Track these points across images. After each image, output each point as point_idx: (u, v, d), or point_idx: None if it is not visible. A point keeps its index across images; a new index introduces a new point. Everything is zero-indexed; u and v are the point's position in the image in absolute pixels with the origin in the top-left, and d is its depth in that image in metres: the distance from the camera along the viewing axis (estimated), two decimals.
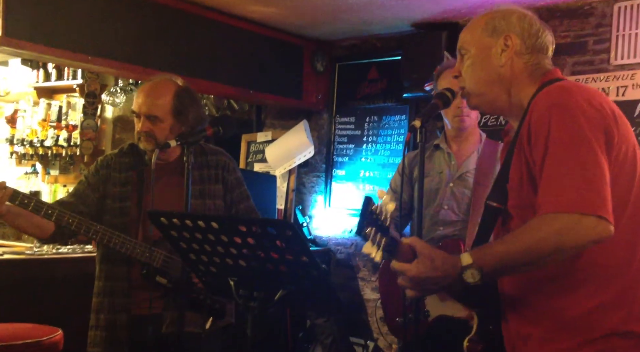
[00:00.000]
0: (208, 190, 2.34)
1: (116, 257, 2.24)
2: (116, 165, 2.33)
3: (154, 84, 2.32)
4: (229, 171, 2.40)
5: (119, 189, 2.30)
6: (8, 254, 3.27)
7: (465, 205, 2.41)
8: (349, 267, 4.62)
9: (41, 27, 3.22)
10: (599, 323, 1.37)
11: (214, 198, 2.35)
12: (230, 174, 2.40)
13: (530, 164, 1.40)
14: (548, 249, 1.31)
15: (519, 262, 1.35)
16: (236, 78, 4.17)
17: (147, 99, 2.26)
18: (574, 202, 1.28)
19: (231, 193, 2.39)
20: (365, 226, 1.37)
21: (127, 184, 2.30)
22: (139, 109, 2.27)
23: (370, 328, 4.43)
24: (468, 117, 2.40)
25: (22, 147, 5.46)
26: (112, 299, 2.25)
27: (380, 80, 4.55)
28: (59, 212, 2.13)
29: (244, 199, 2.43)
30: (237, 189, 2.41)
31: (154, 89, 2.29)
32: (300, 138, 4.71)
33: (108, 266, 2.28)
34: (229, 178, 2.39)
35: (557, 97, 1.39)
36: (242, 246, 1.54)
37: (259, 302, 1.61)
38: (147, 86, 2.32)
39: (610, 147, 1.36)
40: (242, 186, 2.44)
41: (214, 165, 2.37)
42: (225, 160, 2.41)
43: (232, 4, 3.88)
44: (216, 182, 2.36)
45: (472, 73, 1.55)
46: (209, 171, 2.36)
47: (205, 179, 2.35)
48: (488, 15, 1.57)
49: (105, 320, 2.25)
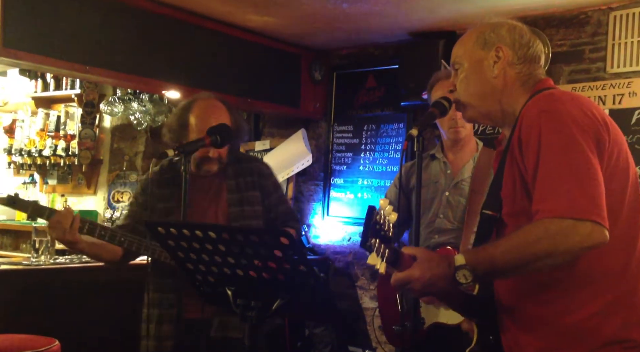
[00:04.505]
0: (246, 197, 2.38)
1: (165, 269, 2.25)
2: (159, 182, 2.38)
3: (208, 108, 2.33)
4: (265, 177, 2.45)
5: (163, 205, 2.34)
6: (5, 264, 3.26)
7: (460, 213, 2.41)
8: (347, 275, 4.61)
9: (39, 38, 3.23)
10: (596, 330, 1.37)
11: (253, 205, 2.39)
12: (266, 180, 2.45)
13: (522, 171, 1.41)
14: (541, 253, 1.30)
15: (511, 265, 1.35)
16: (234, 87, 4.18)
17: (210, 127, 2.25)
18: (569, 208, 1.28)
19: (269, 198, 2.44)
20: (370, 237, 1.37)
21: (170, 199, 2.34)
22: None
23: (369, 337, 4.42)
24: (463, 128, 2.42)
25: (20, 157, 5.46)
26: (160, 310, 2.27)
27: (378, 89, 4.56)
28: (112, 232, 2.20)
29: (282, 202, 2.50)
30: (274, 194, 2.46)
31: (212, 113, 2.30)
32: (299, 147, 4.72)
33: (156, 279, 2.31)
34: (265, 183, 2.44)
35: (546, 104, 1.41)
36: (240, 255, 1.54)
37: (257, 312, 1.60)
38: (202, 112, 2.31)
39: (601, 152, 1.36)
40: (278, 189, 2.50)
41: (249, 173, 2.42)
42: (260, 167, 2.47)
43: (230, 13, 3.89)
44: (253, 188, 2.40)
45: (466, 86, 1.57)
46: (245, 179, 2.41)
47: (242, 186, 2.39)
48: (479, 29, 1.59)
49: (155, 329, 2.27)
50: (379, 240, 1.37)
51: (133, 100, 4.81)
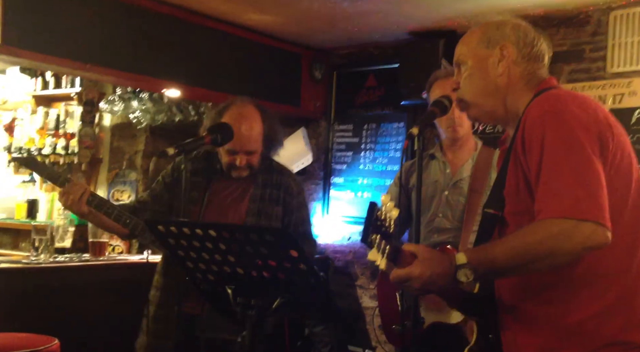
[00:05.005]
0: (266, 210, 2.31)
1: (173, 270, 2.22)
2: (190, 168, 2.31)
3: (240, 114, 2.27)
4: (291, 195, 2.37)
5: (188, 193, 2.27)
6: (5, 263, 3.25)
7: (459, 212, 2.41)
8: (347, 275, 4.60)
9: (40, 35, 3.23)
10: (597, 331, 1.37)
11: (270, 218, 2.31)
12: (292, 198, 2.37)
13: (525, 171, 1.40)
14: (543, 253, 1.30)
15: (512, 265, 1.34)
16: (234, 86, 4.18)
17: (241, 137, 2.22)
18: (571, 208, 1.28)
19: (290, 216, 2.36)
20: (371, 232, 1.36)
21: (196, 189, 2.30)
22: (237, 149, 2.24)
23: (369, 336, 4.42)
24: (461, 127, 2.41)
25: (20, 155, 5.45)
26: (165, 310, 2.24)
27: (378, 88, 4.56)
28: (118, 212, 2.19)
29: (302, 223, 2.40)
30: (296, 213, 2.38)
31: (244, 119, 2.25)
32: (299, 146, 4.72)
33: (166, 279, 2.29)
34: (290, 201, 2.36)
35: (550, 104, 1.40)
36: (240, 254, 1.54)
37: (257, 311, 1.60)
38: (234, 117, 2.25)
39: (605, 153, 1.36)
40: (302, 209, 2.41)
41: (276, 186, 2.35)
42: (290, 183, 2.39)
43: (230, 12, 3.89)
44: (277, 203, 2.33)
45: (470, 84, 1.56)
46: (271, 191, 2.34)
47: (267, 199, 2.33)
48: (483, 27, 1.58)
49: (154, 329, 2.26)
50: (380, 236, 1.37)
51: (133, 99, 4.80)
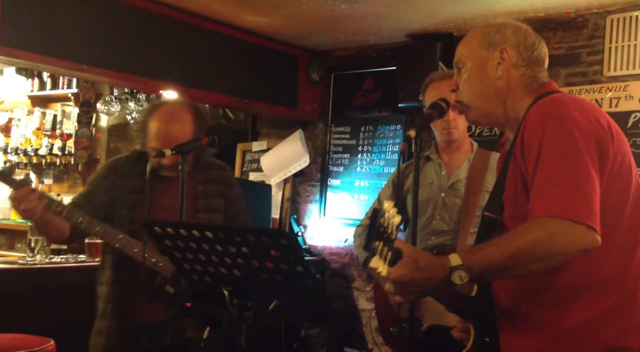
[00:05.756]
0: (213, 204, 2.36)
1: (123, 263, 2.23)
2: (126, 172, 2.32)
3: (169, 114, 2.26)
4: (231, 187, 2.44)
5: (129, 196, 2.29)
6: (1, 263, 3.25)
7: (456, 214, 2.41)
8: (343, 277, 4.60)
9: (36, 36, 3.22)
10: (594, 336, 1.37)
11: (218, 212, 2.38)
12: (232, 190, 2.44)
13: (524, 174, 1.40)
14: (539, 252, 1.29)
15: (508, 264, 1.32)
16: (232, 87, 4.18)
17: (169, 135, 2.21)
18: (565, 209, 1.28)
19: (231, 208, 2.42)
20: (373, 239, 1.36)
21: (136, 192, 2.28)
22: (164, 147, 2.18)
23: (365, 338, 4.42)
24: (456, 129, 2.41)
25: (16, 155, 5.44)
26: (117, 305, 2.24)
27: (376, 90, 4.56)
28: (69, 210, 2.16)
29: (241, 213, 2.47)
30: (237, 204, 2.45)
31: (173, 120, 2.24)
32: (296, 147, 4.72)
33: (115, 272, 2.27)
34: (230, 193, 2.43)
35: (551, 108, 1.40)
36: (237, 256, 1.54)
37: (253, 312, 1.60)
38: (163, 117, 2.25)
39: (604, 159, 1.36)
40: (241, 201, 2.48)
41: (217, 180, 2.40)
42: (228, 176, 2.48)
43: (227, 13, 3.89)
44: (219, 197, 2.39)
45: (469, 86, 1.56)
46: (213, 186, 2.39)
47: (210, 193, 2.38)
48: (483, 29, 1.58)
49: (109, 327, 2.24)
50: (382, 243, 1.36)
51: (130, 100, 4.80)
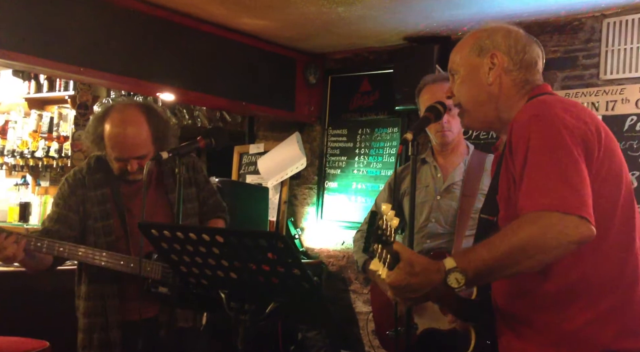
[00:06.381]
0: (186, 194, 2.32)
1: (105, 276, 2.20)
2: (90, 183, 2.27)
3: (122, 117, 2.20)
4: (197, 171, 2.42)
5: (99, 208, 2.24)
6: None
7: (451, 217, 2.41)
8: (340, 279, 4.60)
9: (33, 38, 3.22)
10: (591, 339, 1.37)
11: (192, 201, 2.37)
12: (198, 174, 2.42)
13: (514, 175, 1.41)
14: (532, 248, 1.29)
15: (502, 263, 1.32)
16: (229, 90, 4.18)
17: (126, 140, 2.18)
18: (556, 202, 1.28)
19: (202, 191, 2.42)
20: (372, 242, 1.36)
21: (106, 202, 2.25)
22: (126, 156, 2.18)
23: (362, 341, 4.41)
24: (450, 132, 2.42)
25: (13, 158, 5.43)
26: (104, 318, 2.21)
27: (373, 93, 4.57)
28: (49, 244, 2.09)
29: (213, 194, 2.47)
30: (206, 187, 2.44)
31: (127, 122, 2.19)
32: (293, 150, 4.72)
33: (96, 286, 2.23)
34: (198, 178, 2.41)
35: (537, 109, 1.41)
36: (234, 258, 1.54)
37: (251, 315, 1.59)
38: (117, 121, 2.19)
39: (590, 158, 1.36)
40: (209, 182, 2.48)
41: (185, 169, 2.33)
42: (193, 161, 2.41)
43: (225, 16, 3.89)
44: (190, 185, 2.37)
45: (463, 93, 1.58)
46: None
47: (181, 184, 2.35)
48: (475, 35, 1.59)
49: (98, 339, 2.21)
50: (381, 245, 1.36)
51: None
